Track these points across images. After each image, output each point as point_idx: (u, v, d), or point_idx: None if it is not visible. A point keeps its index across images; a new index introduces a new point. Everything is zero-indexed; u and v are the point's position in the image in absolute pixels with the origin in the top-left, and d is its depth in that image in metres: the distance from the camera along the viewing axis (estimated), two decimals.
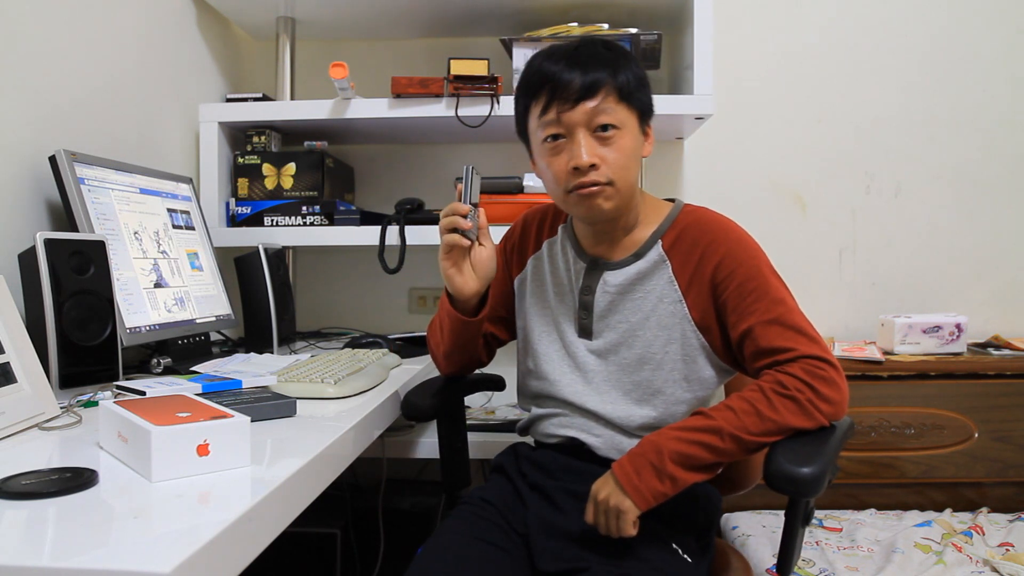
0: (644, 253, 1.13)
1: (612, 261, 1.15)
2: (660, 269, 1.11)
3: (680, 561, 1.05)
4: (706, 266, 1.08)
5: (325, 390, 1.17)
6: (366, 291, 2.21)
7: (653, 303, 1.11)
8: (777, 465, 0.92)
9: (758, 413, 0.97)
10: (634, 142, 1.08)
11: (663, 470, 0.97)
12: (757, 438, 0.96)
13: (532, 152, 1.15)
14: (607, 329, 1.14)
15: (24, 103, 1.30)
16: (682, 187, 2.16)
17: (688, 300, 1.09)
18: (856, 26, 2.11)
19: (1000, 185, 2.11)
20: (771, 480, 0.93)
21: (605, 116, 1.05)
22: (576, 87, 1.04)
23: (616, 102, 1.05)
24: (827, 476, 0.92)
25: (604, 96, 1.04)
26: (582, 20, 1.84)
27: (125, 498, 0.71)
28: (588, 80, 1.04)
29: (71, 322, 1.14)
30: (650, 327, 1.11)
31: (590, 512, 1.01)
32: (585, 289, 1.16)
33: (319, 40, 2.17)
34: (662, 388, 1.10)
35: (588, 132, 1.05)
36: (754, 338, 1.03)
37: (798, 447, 0.95)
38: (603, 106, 1.04)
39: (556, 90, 1.05)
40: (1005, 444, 1.84)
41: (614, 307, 1.14)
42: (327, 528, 1.77)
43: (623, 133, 1.06)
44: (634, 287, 1.12)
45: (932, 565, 1.51)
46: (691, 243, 1.10)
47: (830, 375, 0.98)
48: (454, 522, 1.12)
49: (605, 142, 1.05)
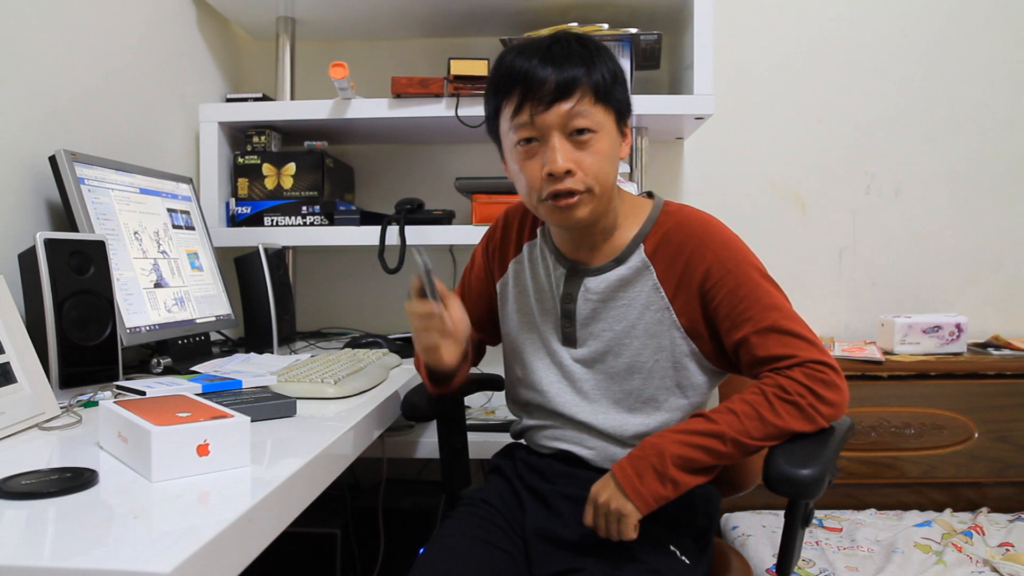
0: (626, 259, 1.09)
1: (592, 267, 1.11)
2: (644, 275, 1.08)
3: (677, 563, 1.04)
4: (693, 273, 1.04)
5: (325, 390, 1.17)
6: (366, 291, 2.21)
7: (639, 311, 1.08)
8: (777, 467, 0.92)
9: (760, 417, 0.96)
10: (611, 145, 1.03)
11: (665, 474, 0.95)
12: (758, 442, 0.96)
13: (504, 154, 1.10)
14: (591, 338, 1.11)
15: (24, 103, 1.30)
16: (682, 187, 2.16)
17: (675, 307, 1.06)
18: (856, 26, 2.11)
19: (1000, 185, 2.11)
20: (771, 482, 0.92)
21: (581, 119, 0.99)
22: (550, 87, 0.98)
23: (592, 103, 1.00)
24: (827, 478, 0.92)
25: (580, 97, 0.99)
26: (582, 20, 1.84)
27: (125, 498, 0.71)
28: (562, 78, 0.98)
29: (71, 322, 1.14)
30: (637, 335, 1.08)
31: (589, 515, 1.00)
32: (566, 297, 1.12)
33: (319, 40, 2.17)
34: (655, 396, 1.08)
35: (563, 136, 1.00)
36: (751, 347, 1.01)
37: (797, 449, 0.94)
38: (579, 108, 0.99)
39: (529, 90, 0.99)
40: (1005, 444, 1.84)
41: (597, 315, 1.10)
42: (327, 528, 1.77)
43: (600, 136, 1.01)
44: (617, 294, 1.09)
45: (932, 565, 1.51)
46: (676, 248, 1.06)
47: (831, 378, 0.97)
48: (456, 523, 1.12)
49: (581, 146, 1.00)
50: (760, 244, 1.11)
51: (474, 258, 1.29)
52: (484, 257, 1.26)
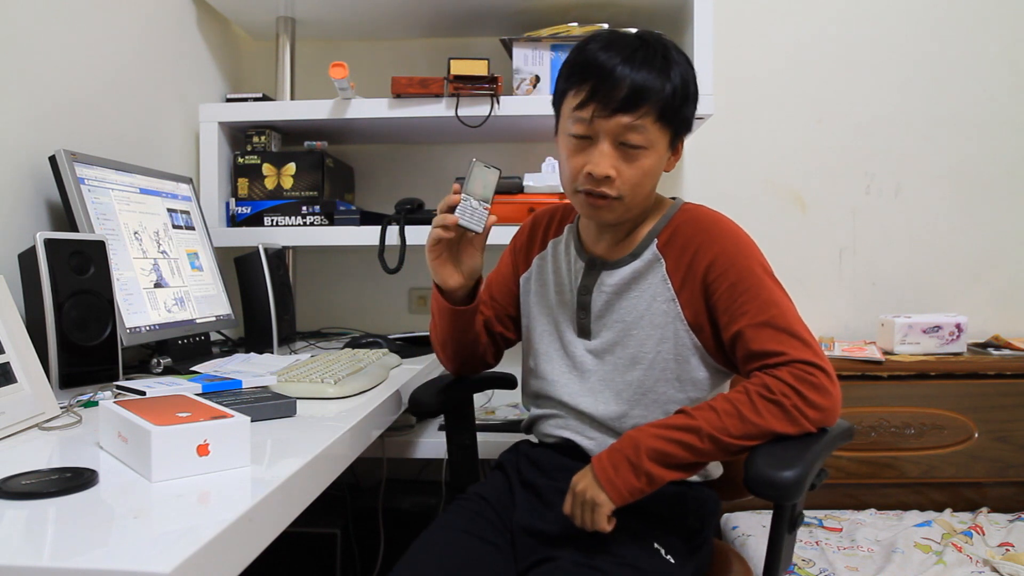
0: (640, 252, 1.12)
1: (610, 261, 1.15)
2: (654, 268, 1.10)
3: (660, 561, 1.04)
4: (699, 265, 1.06)
5: (325, 390, 1.17)
6: (366, 291, 2.21)
7: (647, 302, 1.10)
8: (756, 469, 0.91)
9: (740, 415, 0.95)
10: (657, 162, 1.06)
11: (639, 466, 0.96)
12: (737, 441, 0.95)
13: (558, 130, 1.13)
14: (604, 329, 1.14)
15: (24, 103, 1.30)
16: (682, 187, 2.16)
17: (681, 299, 1.08)
18: (856, 26, 2.11)
19: (1000, 185, 2.11)
20: (750, 484, 0.91)
21: (635, 135, 1.02)
22: (619, 95, 1.00)
23: (653, 121, 1.02)
24: (808, 481, 0.91)
25: (644, 113, 1.01)
26: (582, 20, 1.84)
27: (125, 498, 0.71)
28: (634, 90, 1.00)
29: (71, 322, 1.14)
30: (643, 326, 1.10)
31: (568, 503, 1.01)
32: (583, 289, 1.16)
33: (319, 40, 2.17)
34: (653, 387, 1.09)
35: (613, 144, 1.03)
36: (745, 341, 1.01)
37: (779, 451, 0.93)
38: (637, 123, 1.01)
39: (599, 90, 1.01)
40: (1005, 444, 1.84)
41: (610, 307, 1.13)
42: (327, 528, 1.77)
43: (648, 153, 1.04)
44: (630, 286, 1.12)
45: (932, 565, 1.51)
46: (685, 241, 1.09)
47: (820, 381, 0.96)
48: (447, 516, 1.14)
49: (627, 157, 1.04)
50: (760, 244, 1.10)
51: (502, 257, 1.34)
52: (511, 255, 1.31)
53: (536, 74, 1.81)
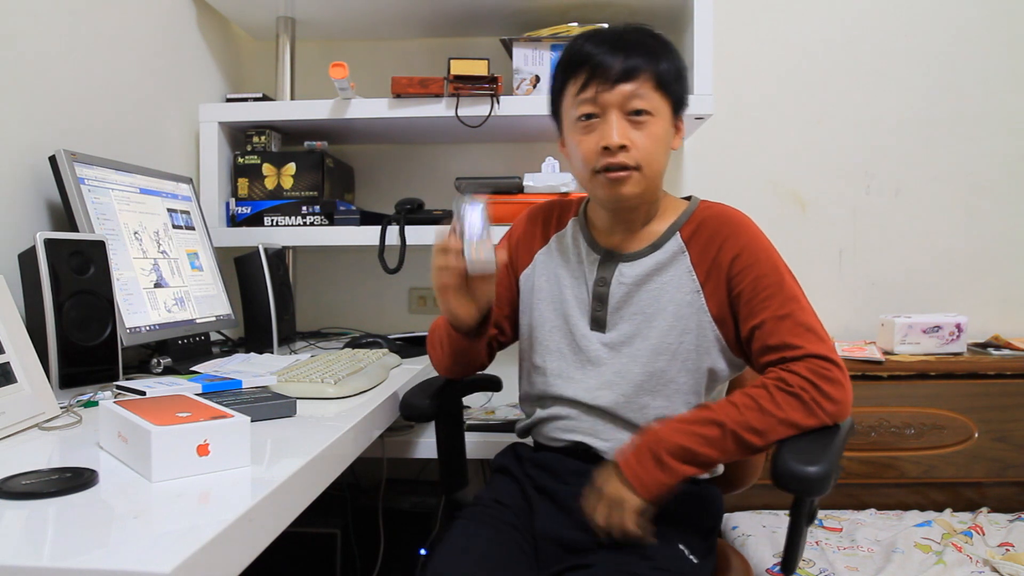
0: (662, 244, 1.12)
1: (628, 252, 1.14)
2: (678, 259, 1.11)
3: (686, 562, 1.05)
4: (724, 258, 1.08)
5: (325, 390, 1.17)
6: (366, 291, 2.21)
7: (671, 293, 1.10)
8: (785, 464, 0.92)
9: (760, 408, 0.97)
10: (665, 130, 1.09)
11: (661, 459, 0.97)
12: (758, 435, 0.96)
13: (562, 131, 1.15)
14: (621, 321, 1.13)
15: (24, 103, 1.30)
16: (682, 187, 2.16)
17: (706, 291, 1.09)
18: (856, 26, 2.11)
19: (1000, 186, 2.11)
20: (779, 479, 0.92)
21: (640, 101, 1.05)
22: (616, 70, 1.05)
23: (653, 89, 1.06)
24: (833, 475, 0.92)
25: (642, 82, 1.05)
26: (582, 20, 1.85)
27: (125, 498, 0.71)
28: (628, 64, 1.05)
29: (71, 322, 1.14)
30: (666, 317, 1.10)
31: (592, 503, 1.01)
32: (600, 281, 1.15)
33: (319, 40, 2.17)
34: (675, 378, 1.09)
35: (621, 114, 1.06)
36: (764, 333, 1.03)
37: (804, 446, 0.95)
38: (640, 91, 1.05)
39: (596, 70, 1.05)
40: (1005, 444, 1.84)
41: (629, 298, 1.12)
42: (327, 528, 1.77)
43: (656, 120, 1.07)
44: (651, 278, 1.12)
45: (932, 565, 1.51)
46: (710, 234, 1.10)
47: (835, 375, 0.99)
48: (470, 523, 1.11)
49: (637, 126, 1.06)
50: None
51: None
52: (506, 252, 1.27)
53: (536, 74, 1.81)
